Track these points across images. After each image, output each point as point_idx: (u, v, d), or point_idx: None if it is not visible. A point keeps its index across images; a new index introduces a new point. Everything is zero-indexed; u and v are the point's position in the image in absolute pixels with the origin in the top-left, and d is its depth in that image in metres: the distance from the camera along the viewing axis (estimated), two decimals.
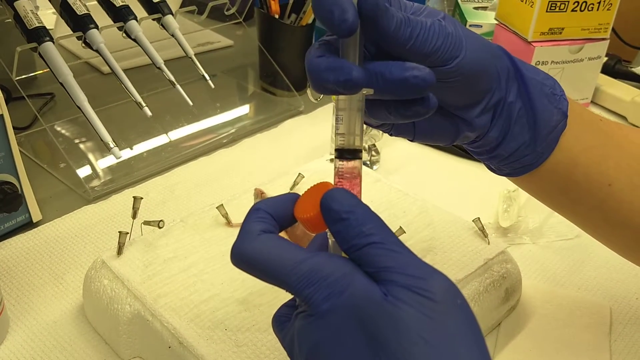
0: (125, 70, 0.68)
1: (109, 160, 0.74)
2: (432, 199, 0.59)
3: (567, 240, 0.63)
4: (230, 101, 0.92)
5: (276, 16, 0.88)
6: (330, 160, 0.64)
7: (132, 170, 0.72)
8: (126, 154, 0.75)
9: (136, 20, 0.72)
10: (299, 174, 0.60)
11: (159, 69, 0.72)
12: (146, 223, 0.52)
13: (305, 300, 0.29)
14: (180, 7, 0.97)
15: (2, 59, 0.68)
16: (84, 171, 0.72)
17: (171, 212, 0.65)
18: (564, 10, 0.83)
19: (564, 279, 0.59)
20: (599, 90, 0.93)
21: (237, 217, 0.55)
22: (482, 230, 0.54)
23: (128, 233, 0.50)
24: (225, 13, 0.85)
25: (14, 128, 0.59)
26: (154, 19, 0.75)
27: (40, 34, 0.65)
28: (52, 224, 0.63)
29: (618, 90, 0.93)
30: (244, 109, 0.93)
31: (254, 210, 0.32)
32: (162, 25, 0.75)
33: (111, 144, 0.64)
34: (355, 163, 0.33)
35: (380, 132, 0.74)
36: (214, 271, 0.49)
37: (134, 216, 0.52)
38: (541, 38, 0.84)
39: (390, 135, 0.40)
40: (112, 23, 0.72)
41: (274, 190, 0.57)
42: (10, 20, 0.68)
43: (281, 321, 0.33)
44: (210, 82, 0.76)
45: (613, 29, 0.88)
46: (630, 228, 0.43)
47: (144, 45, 0.71)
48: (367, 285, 0.28)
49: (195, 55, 0.75)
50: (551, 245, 0.63)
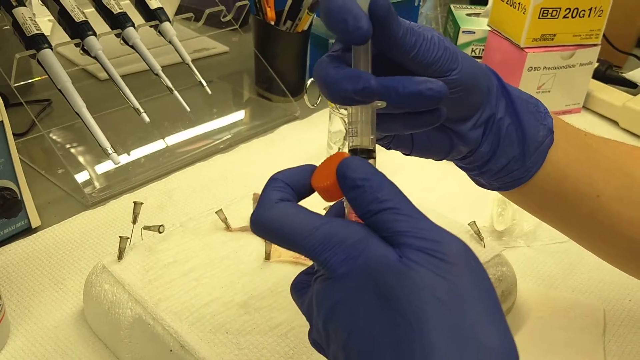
0: (122, 77, 0.69)
1: (106, 166, 0.74)
2: (427, 202, 0.60)
3: (561, 243, 0.64)
4: (226, 107, 0.93)
5: (272, 23, 0.89)
6: None
7: (130, 176, 0.72)
8: (124, 159, 0.75)
9: (134, 27, 0.73)
10: None
11: (157, 75, 0.72)
12: (146, 228, 0.52)
13: (322, 264, 0.29)
14: (176, 14, 0.98)
15: (1, 66, 0.68)
16: (81, 177, 0.72)
17: (169, 217, 0.66)
18: (556, 16, 0.84)
19: (558, 281, 0.60)
20: (590, 96, 0.95)
21: (236, 222, 0.55)
22: (478, 233, 0.55)
23: (128, 238, 0.50)
24: (222, 20, 0.86)
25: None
26: (151, 26, 0.76)
27: (38, 41, 0.66)
28: (51, 230, 0.63)
29: (609, 95, 0.94)
30: (240, 115, 0.93)
31: (272, 180, 0.32)
32: (160, 32, 0.76)
33: (109, 150, 0.64)
34: (371, 162, 0.34)
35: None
36: (214, 275, 0.49)
37: (134, 221, 0.52)
38: (533, 44, 0.86)
39: (388, 149, 0.41)
40: (110, 30, 0.73)
41: None
42: (8, 27, 0.69)
43: (300, 287, 0.33)
44: (207, 88, 0.77)
45: (604, 35, 0.89)
46: (619, 238, 0.44)
47: (142, 52, 0.72)
48: (383, 248, 0.28)
49: (191, 61, 0.75)
50: (545, 248, 0.64)
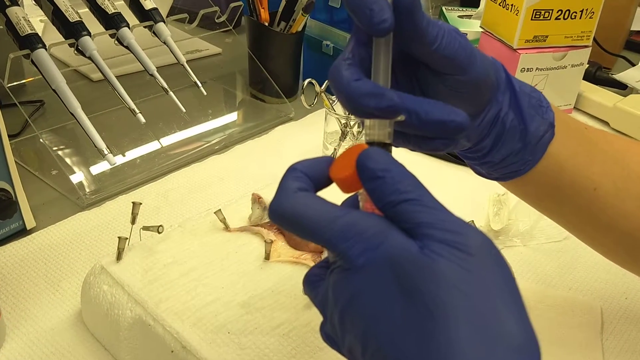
0: (116, 78, 0.68)
1: (101, 167, 0.74)
2: None
3: (557, 242, 0.65)
4: (220, 108, 0.93)
5: (266, 24, 0.89)
6: None
7: (125, 177, 0.72)
8: (119, 160, 0.74)
9: (128, 28, 0.72)
10: None
11: (152, 76, 0.72)
12: (145, 228, 0.52)
13: (340, 254, 0.29)
14: (168, 15, 0.98)
15: None
16: (76, 178, 0.72)
17: (166, 218, 0.65)
18: (548, 18, 0.85)
19: (555, 280, 0.60)
20: (581, 97, 0.96)
21: (235, 222, 0.55)
22: None
23: (127, 238, 0.50)
24: (216, 21, 0.86)
25: None
26: (145, 27, 0.75)
27: (32, 41, 0.65)
28: (46, 231, 0.62)
29: (600, 96, 0.95)
30: (234, 116, 0.93)
31: (290, 170, 0.32)
32: (154, 32, 0.75)
33: (105, 151, 0.64)
34: None
35: None
36: (214, 275, 0.49)
37: (133, 222, 0.52)
38: (526, 45, 0.86)
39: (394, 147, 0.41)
40: (105, 30, 0.72)
41: (270, 195, 0.57)
42: (1, 27, 0.68)
43: (313, 280, 0.33)
44: (202, 89, 0.77)
45: (593, 37, 0.90)
46: (615, 231, 0.45)
47: (137, 53, 0.72)
48: (403, 240, 0.28)
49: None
50: (541, 247, 0.64)
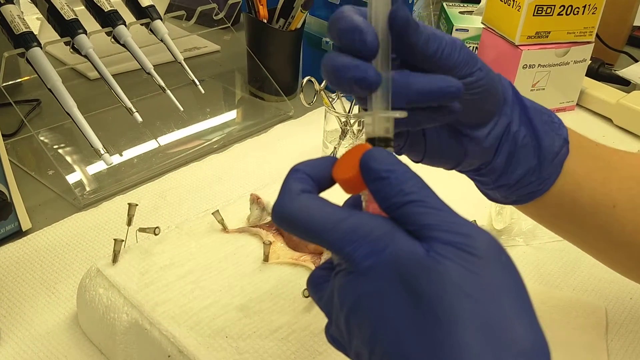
0: (112, 76, 0.68)
1: (98, 167, 0.73)
2: None
3: (560, 241, 0.63)
4: (218, 106, 0.92)
5: (264, 21, 0.88)
6: None
7: (123, 177, 0.71)
8: (116, 160, 0.73)
9: (125, 25, 0.71)
10: None
11: (149, 74, 0.71)
12: (141, 230, 0.51)
13: (346, 257, 0.28)
14: (166, 12, 0.97)
15: None
16: (72, 178, 0.71)
17: (164, 219, 0.64)
18: (551, 14, 0.84)
19: (558, 280, 0.59)
20: (584, 93, 0.95)
21: (233, 223, 0.54)
22: None
23: (123, 240, 0.49)
24: (214, 18, 0.85)
25: None
26: (142, 24, 0.74)
27: (27, 39, 0.64)
28: (42, 233, 0.61)
29: (603, 92, 0.94)
30: (232, 114, 0.92)
31: (293, 171, 0.31)
32: (151, 30, 0.74)
33: (102, 151, 0.63)
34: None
35: None
36: (212, 278, 0.48)
37: (129, 223, 0.51)
38: (528, 42, 0.85)
39: (400, 154, 0.40)
40: (101, 28, 0.71)
41: (269, 195, 0.57)
42: None
43: (317, 282, 0.32)
44: (200, 88, 0.76)
45: (596, 33, 0.89)
46: (635, 248, 0.44)
47: (133, 51, 0.71)
48: (409, 242, 0.27)
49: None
50: (544, 246, 0.63)
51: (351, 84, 0.31)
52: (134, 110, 0.67)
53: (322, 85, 0.71)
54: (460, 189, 0.72)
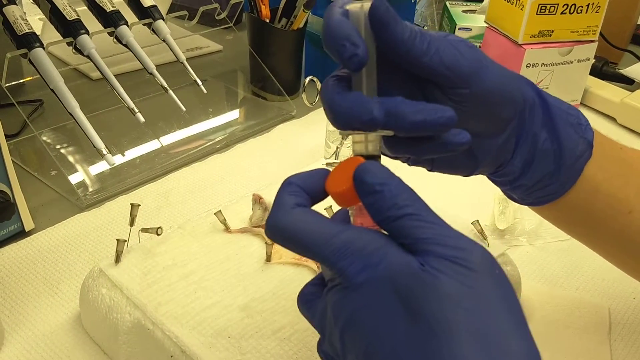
0: (115, 76, 0.68)
1: (100, 167, 0.73)
2: (427, 201, 0.59)
3: (563, 241, 0.63)
4: (221, 106, 0.92)
5: (267, 20, 0.88)
6: (327, 164, 0.64)
7: (125, 177, 0.71)
8: (118, 160, 0.74)
9: (127, 26, 0.71)
10: None
11: (151, 74, 0.71)
12: (144, 230, 0.51)
13: (339, 272, 0.28)
14: (168, 12, 0.97)
15: None
16: (75, 178, 0.71)
17: (167, 219, 0.64)
18: (554, 12, 0.83)
19: (561, 279, 0.59)
20: (588, 92, 0.94)
21: (236, 224, 0.54)
22: (482, 232, 0.54)
23: (126, 241, 0.49)
24: (216, 18, 0.85)
25: None
26: (144, 24, 0.74)
27: (30, 40, 0.64)
28: (45, 233, 0.62)
29: (607, 91, 0.94)
30: (235, 114, 0.92)
31: (286, 184, 0.31)
32: (153, 30, 0.74)
33: (104, 151, 0.63)
34: None
35: None
36: (214, 278, 0.48)
37: (132, 223, 0.51)
38: (531, 40, 0.85)
39: (409, 165, 0.39)
40: (103, 28, 0.71)
41: (272, 195, 0.57)
42: None
43: (308, 299, 0.32)
44: (202, 88, 0.76)
45: (600, 32, 0.89)
46: None
47: (136, 51, 0.71)
48: (404, 256, 0.28)
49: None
50: (548, 246, 0.63)
51: (358, 126, 0.32)
52: (136, 110, 0.67)
53: None
54: (462, 189, 0.72)
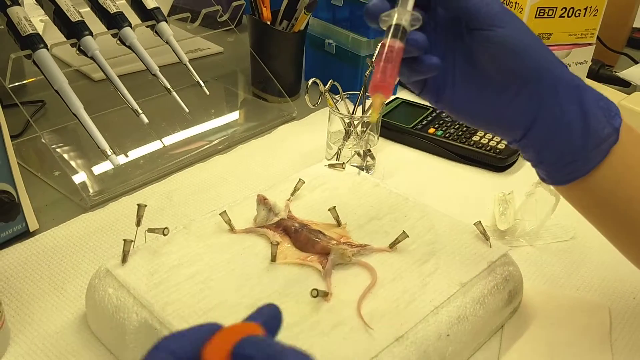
0: (118, 77, 0.68)
1: (103, 168, 0.73)
2: (428, 203, 0.59)
3: (564, 242, 0.64)
4: (222, 107, 0.92)
5: (268, 22, 0.88)
6: (329, 165, 0.64)
7: (128, 178, 0.71)
8: (121, 161, 0.74)
9: (130, 28, 0.72)
10: (300, 179, 0.60)
11: (154, 75, 0.71)
12: (150, 230, 0.51)
13: None
14: (170, 14, 0.97)
15: None
16: (79, 179, 0.71)
17: (170, 220, 0.65)
18: (552, 16, 0.84)
19: (562, 280, 0.60)
20: None
21: (240, 224, 0.55)
22: (484, 233, 0.55)
23: (132, 241, 0.50)
24: (218, 20, 0.85)
25: None
26: (147, 26, 0.75)
27: (34, 41, 0.65)
28: (50, 233, 0.62)
29: (604, 94, 0.94)
30: (236, 115, 0.92)
31: (155, 349, 0.26)
32: (156, 32, 0.75)
33: (108, 152, 0.63)
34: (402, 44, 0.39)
35: (376, 137, 0.75)
36: (220, 278, 0.49)
37: (138, 224, 0.52)
38: None
39: (433, 103, 0.46)
40: (106, 30, 0.72)
41: (275, 196, 0.57)
42: (2, 27, 0.67)
43: None
44: (204, 89, 0.76)
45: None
46: None
47: (139, 53, 0.71)
48: None
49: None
50: (548, 247, 0.64)
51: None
52: (140, 111, 0.67)
53: (327, 87, 0.72)
54: (463, 191, 0.73)
